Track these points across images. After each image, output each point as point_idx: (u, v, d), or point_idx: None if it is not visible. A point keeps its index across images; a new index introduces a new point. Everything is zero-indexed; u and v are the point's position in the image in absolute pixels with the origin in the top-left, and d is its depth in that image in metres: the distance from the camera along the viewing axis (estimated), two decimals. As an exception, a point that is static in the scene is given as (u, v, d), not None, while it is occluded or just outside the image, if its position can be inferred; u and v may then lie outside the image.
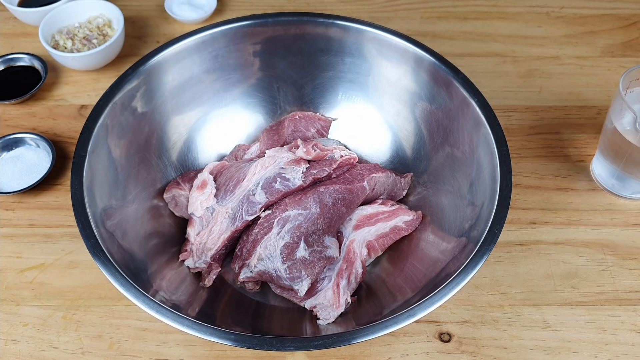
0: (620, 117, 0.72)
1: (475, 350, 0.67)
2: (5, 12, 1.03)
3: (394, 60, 0.77)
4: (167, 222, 0.73)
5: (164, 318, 0.56)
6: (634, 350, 0.67)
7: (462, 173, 0.70)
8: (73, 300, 0.71)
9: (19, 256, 0.74)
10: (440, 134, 0.74)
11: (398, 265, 0.70)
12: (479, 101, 0.69)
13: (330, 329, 0.64)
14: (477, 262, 0.58)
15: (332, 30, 0.77)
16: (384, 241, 0.71)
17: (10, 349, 0.67)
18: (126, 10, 1.01)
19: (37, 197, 0.79)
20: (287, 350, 0.55)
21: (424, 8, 1.04)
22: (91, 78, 0.93)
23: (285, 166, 0.70)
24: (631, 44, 0.98)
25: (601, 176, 0.80)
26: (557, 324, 0.69)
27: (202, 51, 0.77)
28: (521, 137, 0.86)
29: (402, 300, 0.64)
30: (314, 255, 0.67)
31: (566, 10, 1.03)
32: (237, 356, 0.67)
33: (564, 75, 0.93)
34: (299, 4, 1.04)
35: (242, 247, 0.69)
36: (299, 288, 0.66)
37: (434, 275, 0.63)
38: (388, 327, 0.55)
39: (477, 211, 0.64)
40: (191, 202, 0.72)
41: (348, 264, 0.69)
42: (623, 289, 0.71)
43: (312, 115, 0.80)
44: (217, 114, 0.80)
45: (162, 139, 0.76)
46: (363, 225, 0.71)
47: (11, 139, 0.82)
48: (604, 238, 0.76)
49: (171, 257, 0.70)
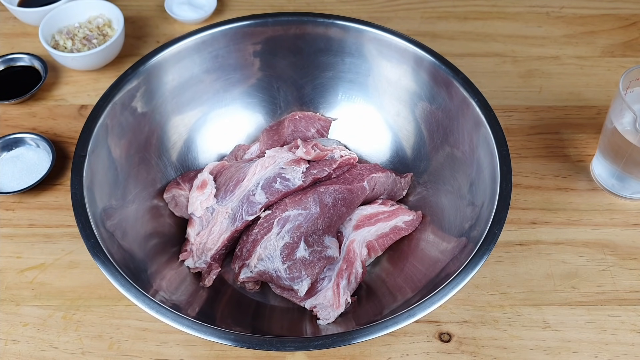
0: (620, 117, 0.72)
1: (475, 351, 0.67)
2: (5, 12, 1.03)
3: (394, 60, 0.77)
4: (167, 222, 0.73)
5: (164, 318, 0.56)
6: (634, 350, 0.67)
7: (462, 173, 0.70)
8: (73, 300, 0.71)
9: (19, 256, 0.74)
10: (440, 134, 0.74)
11: (398, 265, 0.70)
12: (479, 101, 0.69)
13: (330, 329, 0.64)
14: (477, 262, 0.58)
15: (332, 30, 0.77)
16: (384, 241, 0.71)
17: (10, 349, 0.67)
18: (126, 10, 1.01)
19: (37, 197, 0.79)
20: (287, 350, 0.55)
21: (424, 8, 1.04)
22: (91, 78, 0.93)
23: (285, 166, 0.70)
24: (631, 44, 0.98)
25: (601, 176, 0.80)
26: (557, 324, 0.69)
27: (202, 51, 0.77)
28: (521, 137, 0.86)
29: (402, 300, 0.64)
30: (314, 255, 0.67)
31: (566, 10, 1.03)
32: (237, 356, 0.67)
33: (564, 75, 0.93)
34: (299, 4, 1.04)
35: (242, 247, 0.69)
36: (299, 288, 0.66)
37: (434, 275, 0.63)
38: (388, 327, 0.55)
39: (477, 211, 0.64)
40: (191, 202, 0.72)
41: (348, 264, 0.69)
42: (623, 289, 0.71)
43: (312, 115, 0.80)
44: (217, 114, 0.80)
45: (162, 139, 0.76)
46: (363, 225, 0.71)
47: (11, 139, 0.82)
48: (604, 238, 0.76)
49: (171, 257, 0.70)
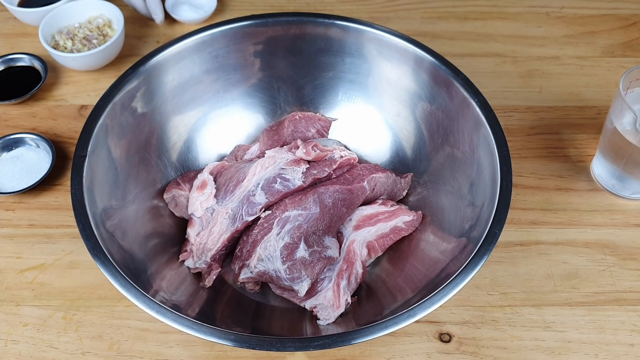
0: (621, 117, 0.72)
1: (476, 351, 0.67)
2: (5, 12, 1.03)
3: (394, 61, 0.77)
4: (167, 223, 0.73)
5: (164, 318, 0.56)
6: (634, 351, 0.67)
7: (463, 173, 0.70)
8: (73, 301, 0.70)
9: (19, 256, 0.74)
10: (441, 134, 0.74)
11: (398, 266, 0.70)
12: (479, 101, 0.69)
13: (331, 329, 0.64)
14: (477, 262, 0.58)
15: (332, 30, 0.77)
16: (384, 241, 0.71)
17: (10, 349, 0.67)
18: (126, 10, 1.01)
19: (37, 198, 0.79)
20: (287, 351, 0.55)
21: (424, 8, 1.04)
22: (91, 78, 0.93)
23: (285, 167, 0.70)
24: (631, 44, 0.98)
25: (601, 176, 0.80)
26: (557, 324, 0.69)
27: (202, 51, 0.77)
28: (521, 137, 0.86)
29: (402, 300, 0.64)
30: (314, 256, 0.67)
31: (566, 11, 1.03)
32: (237, 356, 0.67)
33: (564, 75, 0.93)
34: (299, 4, 1.04)
35: (242, 247, 0.69)
36: (299, 288, 0.66)
37: (434, 276, 0.63)
38: (388, 327, 0.55)
39: (477, 211, 0.64)
40: (191, 203, 0.72)
41: (348, 264, 0.69)
42: (623, 289, 0.71)
43: (312, 115, 0.80)
44: (217, 114, 0.80)
45: (162, 139, 0.76)
46: (363, 225, 0.71)
47: (11, 139, 0.82)
48: (604, 238, 0.76)
49: (171, 258, 0.70)
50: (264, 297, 0.70)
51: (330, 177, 0.72)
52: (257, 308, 0.69)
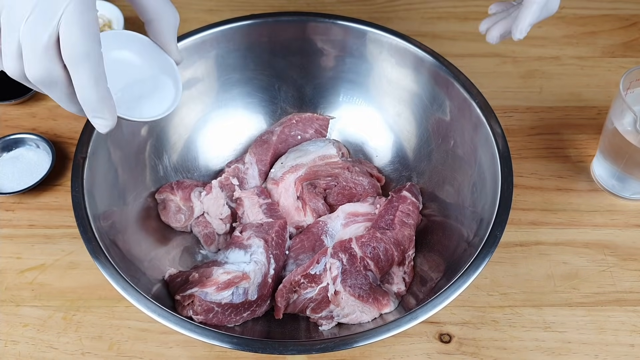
0: (621, 117, 0.72)
1: (476, 351, 0.67)
2: (5, 11, 1.02)
3: (394, 61, 0.77)
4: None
5: (164, 320, 0.56)
6: (634, 351, 0.67)
7: (463, 174, 0.70)
8: (73, 301, 0.70)
9: (19, 257, 0.74)
10: (441, 134, 0.74)
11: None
12: (480, 102, 0.69)
13: (332, 331, 0.64)
14: (479, 264, 0.58)
15: (332, 30, 0.77)
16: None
17: (10, 349, 0.67)
18: (126, 10, 1.00)
19: (37, 198, 0.79)
20: (290, 354, 0.55)
21: (424, 8, 1.03)
22: (91, 78, 0.93)
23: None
24: (632, 44, 0.98)
25: (601, 177, 0.80)
26: (557, 324, 0.69)
27: (202, 51, 0.76)
28: (521, 137, 0.86)
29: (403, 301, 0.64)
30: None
31: (566, 11, 1.03)
32: (237, 357, 0.67)
33: (564, 75, 0.93)
34: (299, 4, 1.04)
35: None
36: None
37: (435, 278, 0.63)
38: (390, 330, 0.55)
39: (478, 213, 0.64)
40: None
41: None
42: (623, 290, 0.71)
43: (309, 116, 0.80)
44: (217, 114, 0.80)
45: (162, 140, 0.76)
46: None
47: (11, 140, 0.82)
48: (604, 239, 0.76)
49: (171, 258, 0.70)
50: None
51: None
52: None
